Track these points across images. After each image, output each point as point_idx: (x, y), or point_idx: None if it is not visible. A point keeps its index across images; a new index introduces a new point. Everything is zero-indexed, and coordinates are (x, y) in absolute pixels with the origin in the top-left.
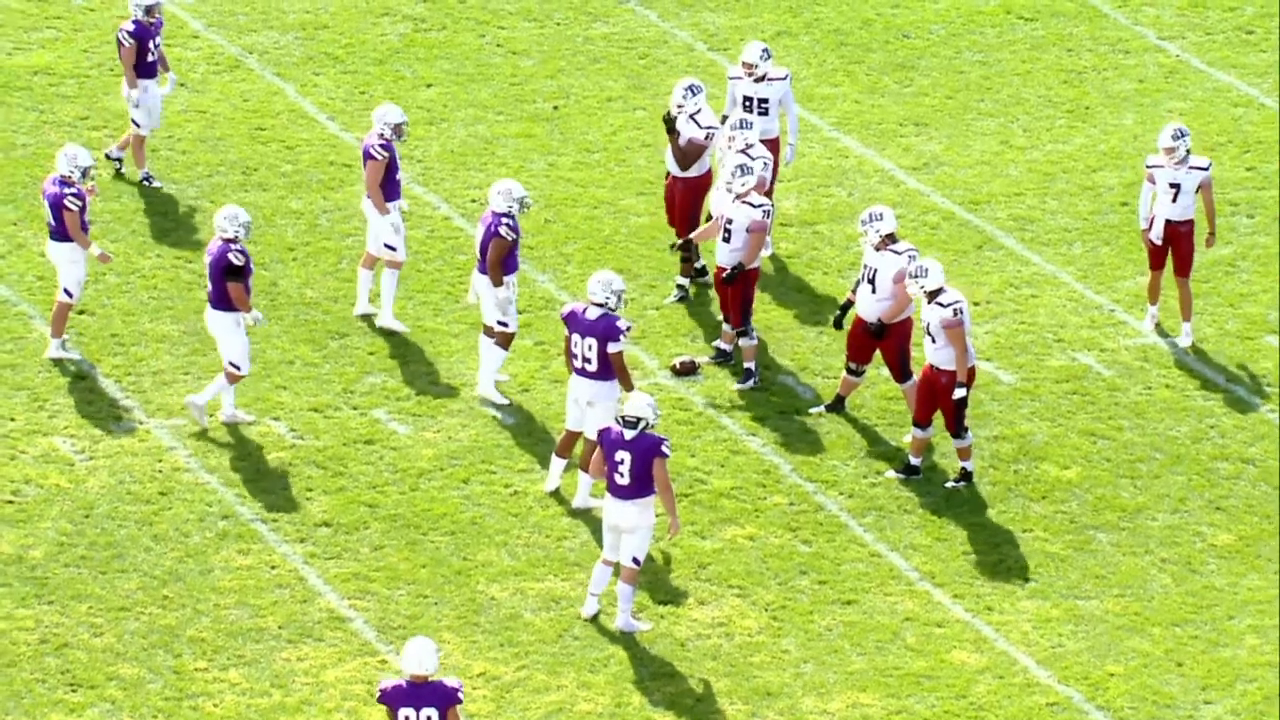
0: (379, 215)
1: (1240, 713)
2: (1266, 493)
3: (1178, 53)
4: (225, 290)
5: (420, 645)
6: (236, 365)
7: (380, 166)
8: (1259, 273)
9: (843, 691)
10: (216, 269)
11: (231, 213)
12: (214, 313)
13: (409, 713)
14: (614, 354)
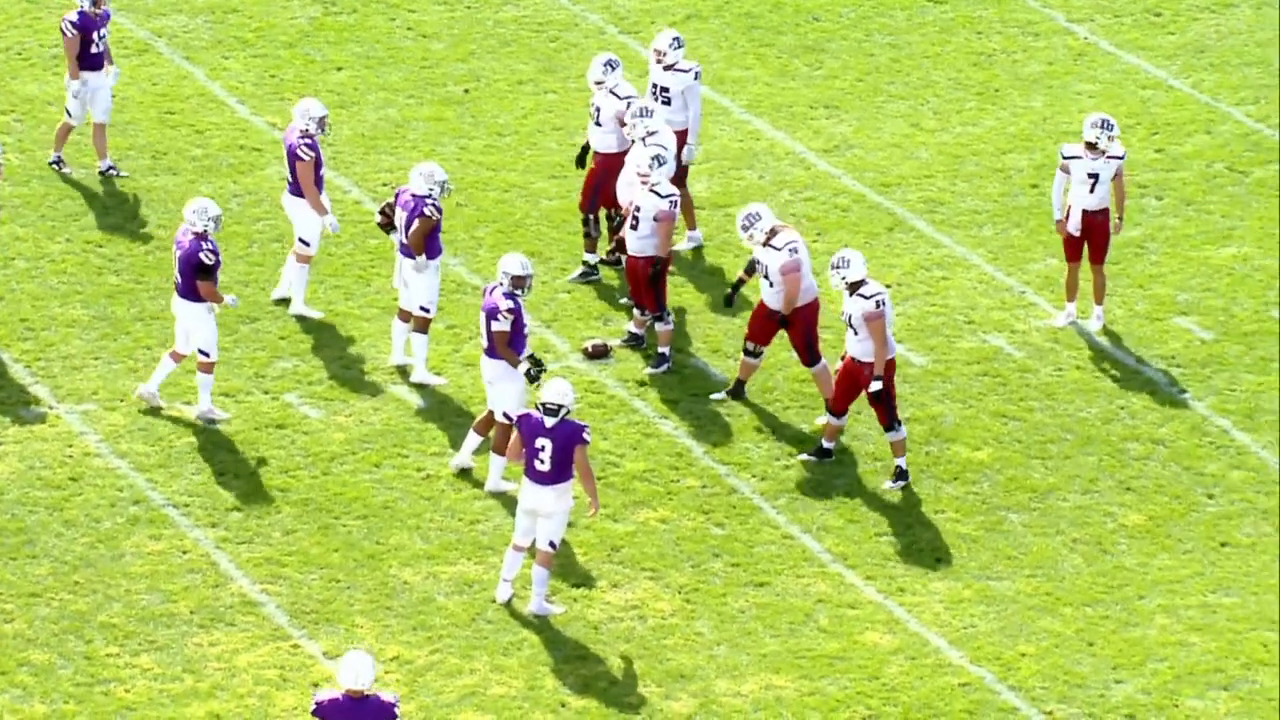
0: (307, 211)
1: (1151, 691)
2: (1176, 473)
3: (1086, 35)
4: (191, 283)
5: (357, 659)
6: (206, 353)
7: (310, 167)
8: (1167, 254)
9: (756, 673)
10: (187, 264)
11: (201, 206)
12: (184, 303)
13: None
14: (496, 331)
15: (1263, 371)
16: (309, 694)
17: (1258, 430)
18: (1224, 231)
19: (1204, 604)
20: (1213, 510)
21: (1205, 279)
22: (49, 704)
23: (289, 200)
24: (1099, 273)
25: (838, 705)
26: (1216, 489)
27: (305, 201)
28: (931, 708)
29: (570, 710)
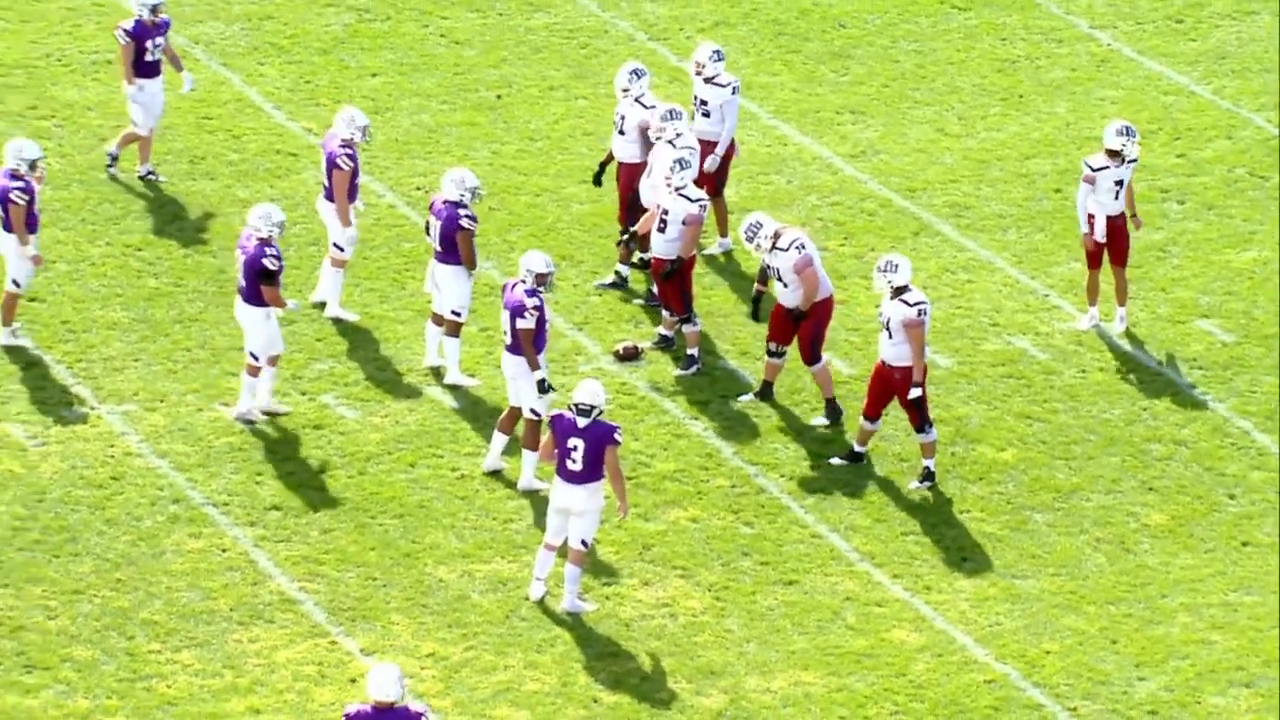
0: (340, 221)
1: (1173, 689)
2: (1198, 474)
3: (1109, 42)
4: (257, 287)
5: (385, 672)
6: (256, 356)
7: (347, 176)
8: (1189, 258)
9: (785, 670)
10: (251, 269)
11: (266, 211)
12: (246, 307)
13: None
14: (521, 329)
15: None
16: (347, 690)
17: (1277, 433)
18: (1245, 235)
19: (1225, 603)
20: (1234, 510)
21: (1226, 282)
22: (92, 699)
23: (324, 205)
24: (1121, 275)
25: (865, 701)
26: (1238, 489)
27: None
28: (957, 704)
29: (602, 706)
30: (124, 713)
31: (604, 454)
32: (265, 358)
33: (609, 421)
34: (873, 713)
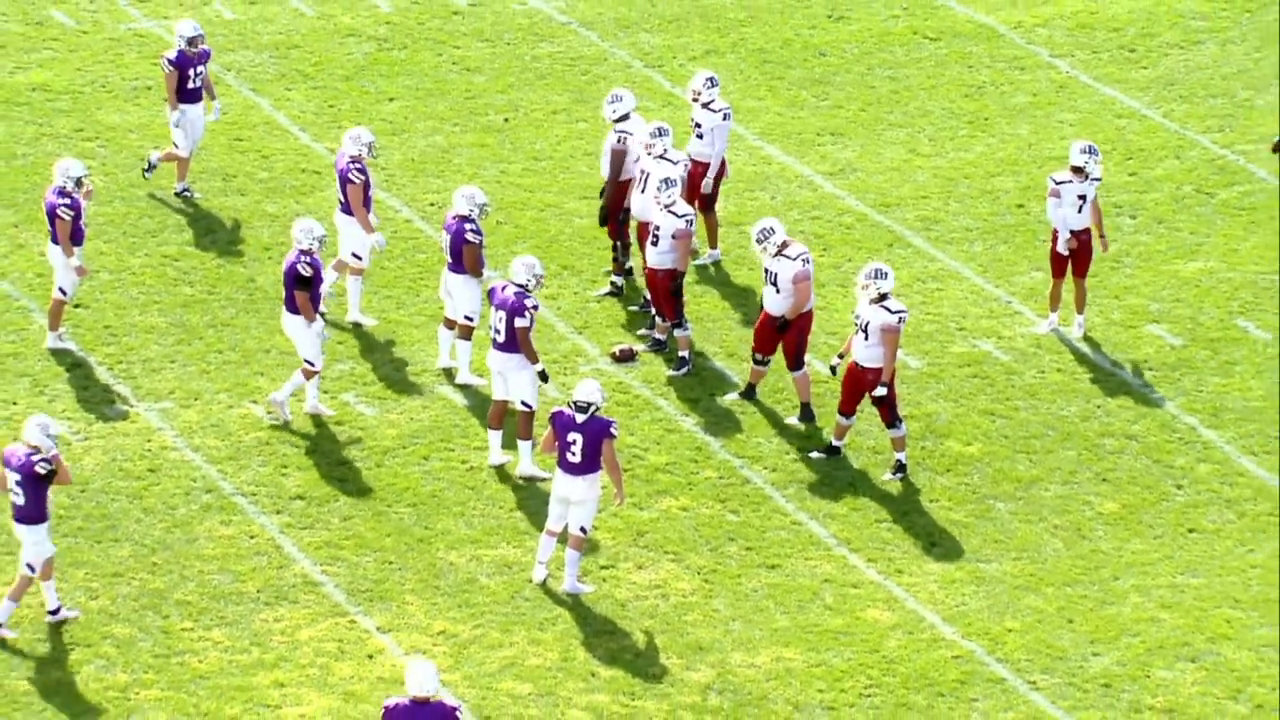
0: (357, 229)
1: (1125, 664)
2: (1148, 466)
3: (1067, 69)
4: (294, 297)
5: (422, 668)
6: (311, 362)
7: (359, 189)
8: (1140, 268)
9: (768, 647)
10: (288, 277)
11: (308, 226)
12: (289, 317)
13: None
14: (519, 328)
15: (1227, 374)
16: (364, 664)
17: (1222, 427)
18: (1192, 247)
19: (1173, 584)
20: (1181, 500)
21: (1175, 290)
22: (130, 674)
23: (341, 219)
24: (1082, 286)
25: (842, 675)
26: (1185, 480)
27: (354, 220)
28: (926, 678)
29: (600, 679)
30: (159, 686)
31: (601, 447)
32: (320, 363)
33: (606, 417)
34: (848, 686)
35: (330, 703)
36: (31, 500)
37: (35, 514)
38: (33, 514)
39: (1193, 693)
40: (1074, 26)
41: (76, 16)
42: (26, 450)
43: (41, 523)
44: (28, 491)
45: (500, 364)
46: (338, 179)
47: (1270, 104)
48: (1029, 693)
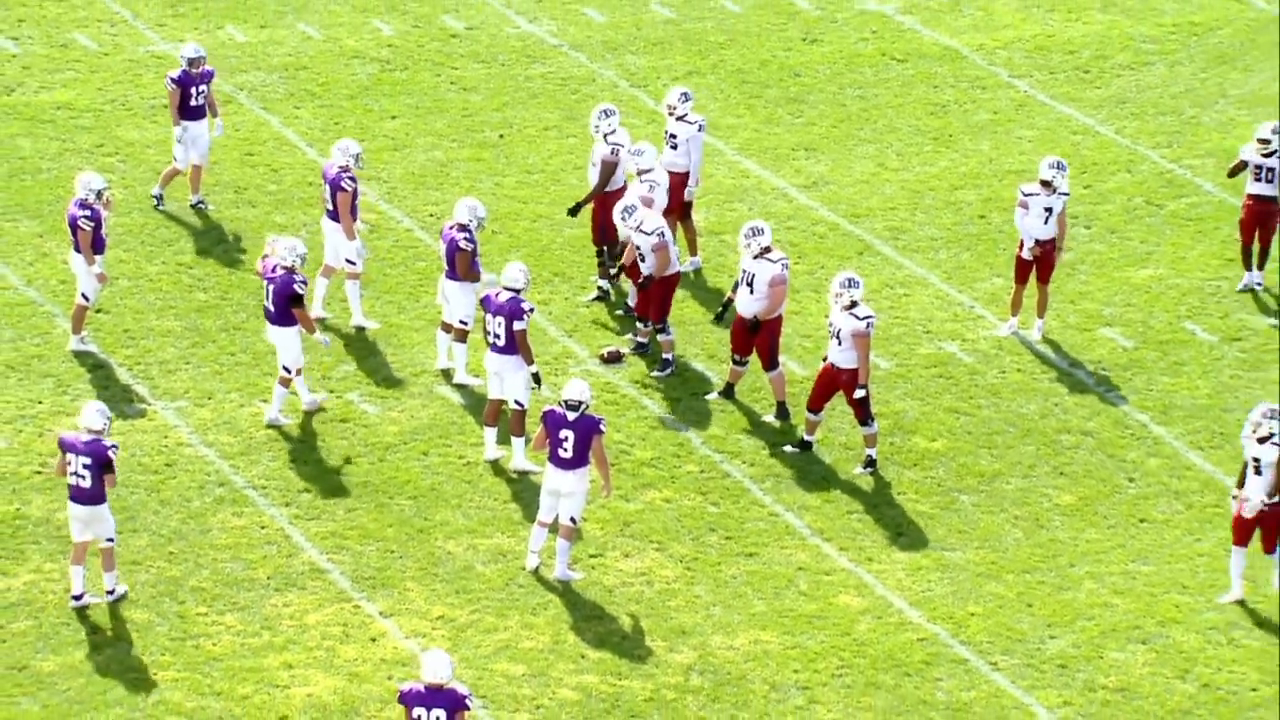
0: (346, 238)
1: (1080, 645)
2: (1102, 460)
3: (1026, 89)
4: (286, 310)
5: (437, 657)
6: (288, 369)
7: (349, 197)
8: (1095, 275)
9: (746, 630)
10: (281, 296)
11: (291, 244)
12: (276, 328)
13: (421, 712)
14: (518, 331)
15: (1176, 375)
16: (368, 647)
17: (1171, 424)
18: (1142, 256)
19: (1125, 571)
20: (1133, 492)
21: (1126, 296)
22: (148, 656)
23: (327, 224)
24: (1044, 292)
25: (815, 657)
26: (1136, 474)
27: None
28: (894, 659)
29: (589, 661)
30: (175, 668)
31: (591, 443)
32: (295, 369)
33: (595, 415)
34: (821, 667)
35: (336, 683)
36: (97, 482)
37: (101, 495)
38: (100, 495)
39: (1143, 673)
40: (1032, 49)
41: (98, 39)
42: (90, 436)
43: (104, 502)
44: (94, 474)
45: (498, 365)
46: (328, 187)
47: (1215, 120)
48: (990, 673)
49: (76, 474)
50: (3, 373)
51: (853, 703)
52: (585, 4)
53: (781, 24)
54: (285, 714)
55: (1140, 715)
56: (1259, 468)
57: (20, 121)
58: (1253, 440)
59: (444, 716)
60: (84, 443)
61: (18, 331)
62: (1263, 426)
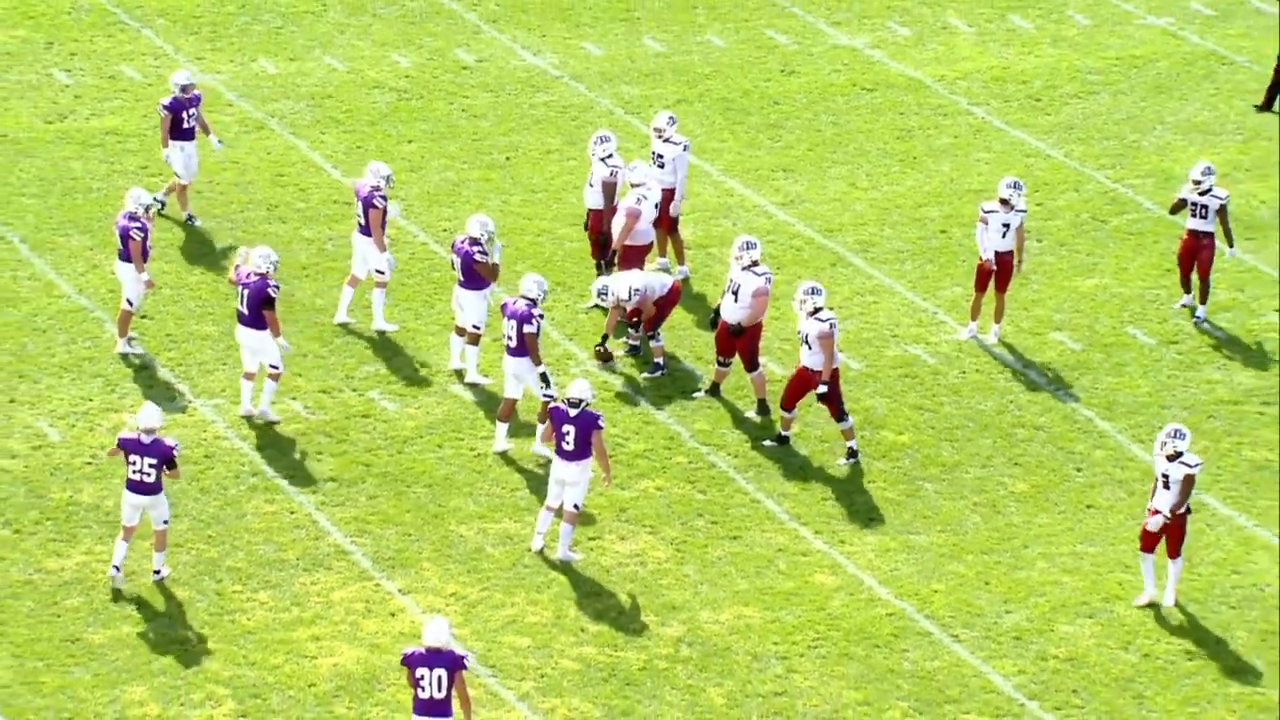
0: (377, 250)
1: (1033, 620)
2: (1052, 452)
3: (984, 115)
4: (259, 313)
5: (437, 624)
6: (276, 366)
7: (380, 213)
8: (1045, 284)
9: (730, 606)
10: (255, 300)
11: (265, 252)
12: (251, 331)
13: (424, 672)
14: (527, 334)
15: (1119, 374)
16: (388, 621)
17: (1115, 419)
18: (1089, 267)
19: (1074, 552)
20: (1081, 481)
21: (1074, 303)
22: (189, 629)
23: (358, 239)
24: (1001, 299)
25: (793, 630)
26: (1084, 464)
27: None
28: (865, 633)
29: (588, 634)
30: (213, 640)
31: (591, 437)
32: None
33: (595, 411)
34: (799, 639)
35: (359, 654)
36: (159, 476)
37: (160, 486)
38: (159, 487)
39: (1090, 644)
40: (989, 80)
41: (143, 71)
42: (150, 437)
43: (162, 491)
44: (158, 471)
45: (514, 367)
46: (360, 204)
47: (1154, 144)
48: (952, 644)
49: (141, 471)
50: (57, 373)
51: (827, 672)
52: (584, 39)
53: (762, 57)
54: (313, 682)
55: (1088, 682)
56: (1168, 483)
57: (72, 145)
58: (1162, 457)
59: (445, 675)
60: (147, 443)
61: (70, 335)
62: (1169, 445)
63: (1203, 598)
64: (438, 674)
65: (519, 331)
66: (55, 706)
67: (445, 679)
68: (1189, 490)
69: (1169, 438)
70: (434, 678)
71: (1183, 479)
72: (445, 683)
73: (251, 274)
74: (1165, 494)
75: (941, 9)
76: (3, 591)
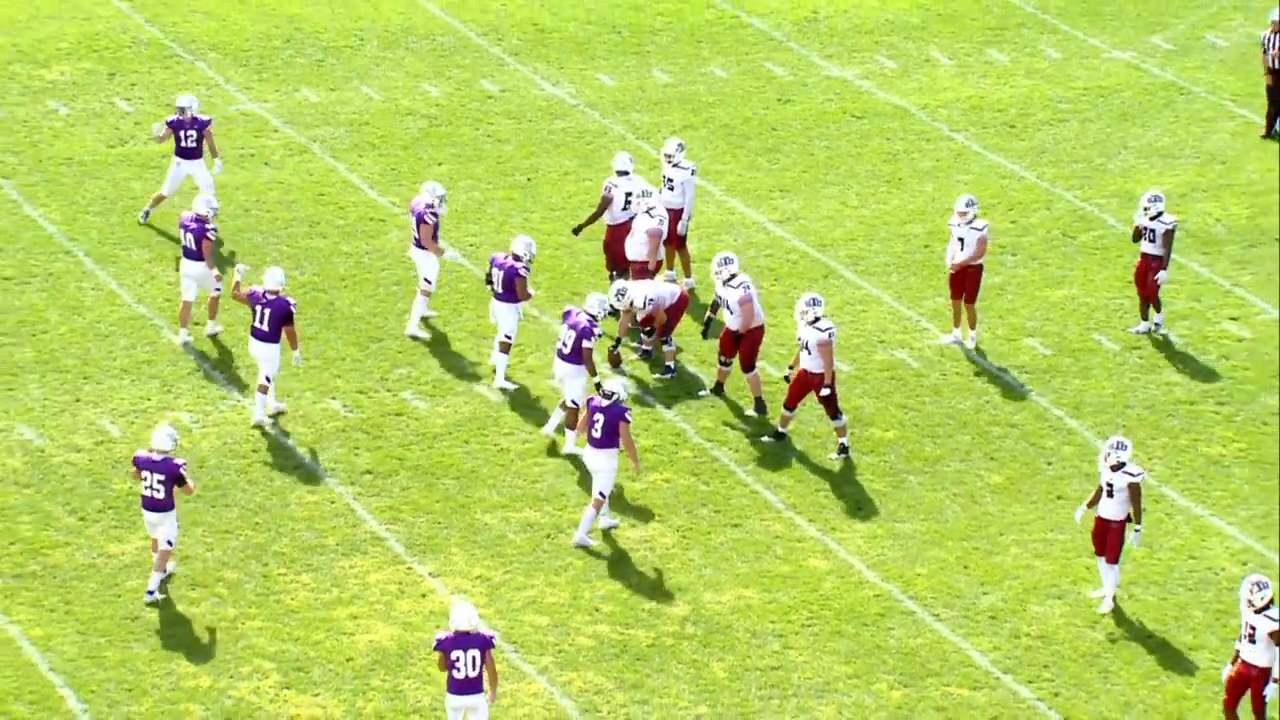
0: (428, 259)
1: (1007, 600)
2: (1025, 447)
3: (963, 140)
4: (279, 328)
5: (464, 608)
6: (269, 379)
7: (431, 228)
8: (1019, 295)
9: (731, 588)
10: (277, 316)
11: (279, 274)
12: (265, 344)
13: (459, 654)
14: (585, 348)
15: (1086, 377)
16: (419, 601)
17: (1082, 418)
18: (1059, 279)
19: (1045, 539)
20: (1051, 474)
21: (1045, 312)
22: (237, 608)
23: (416, 252)
24: (972, 309)
25: (789, 610)
26: (1054, 459)
27: (428, 252)
28: (854, 612)
29: (602, 613)
30: (260, 618)
31: (618, 427)
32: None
33: (623, 404)
34: (794, 618)
35: (393, 631)
36: (169, 494)
37: (170, 503)
38: (169, 504)
39: (1060, 623)
40: (968, 108)
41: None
42: (162, 454)
43: (173, 510)
44: (167, 488)
45: (563, 371)
46: (414, 219)
47: (1119, 167)
48: (934, 623)
49: (151, 488)
50: (118, 375)
51: (820, 648)
52: (598, 70)
53: (761, 87)
54: (351, 656)
55: (1057, 658)
56: (1111, 491)
57: (132, 167)
58: (1106, 467)
59: (478, 656)
60: (157, 460)
61: (130, 341)
62: (1112, 456)
63: (1162, 580)
64: (472, 654)
65: (577, 343)
66: (116, 678)
67: (479, 658)
68: (1139, 497)
69: (1112, 449)
70: (469, 658)
71: (1128, 487)
72: (479, 662)
73: (267, 293)
74: (1109, 502)
75: (924, 43)
76: (69, 574)
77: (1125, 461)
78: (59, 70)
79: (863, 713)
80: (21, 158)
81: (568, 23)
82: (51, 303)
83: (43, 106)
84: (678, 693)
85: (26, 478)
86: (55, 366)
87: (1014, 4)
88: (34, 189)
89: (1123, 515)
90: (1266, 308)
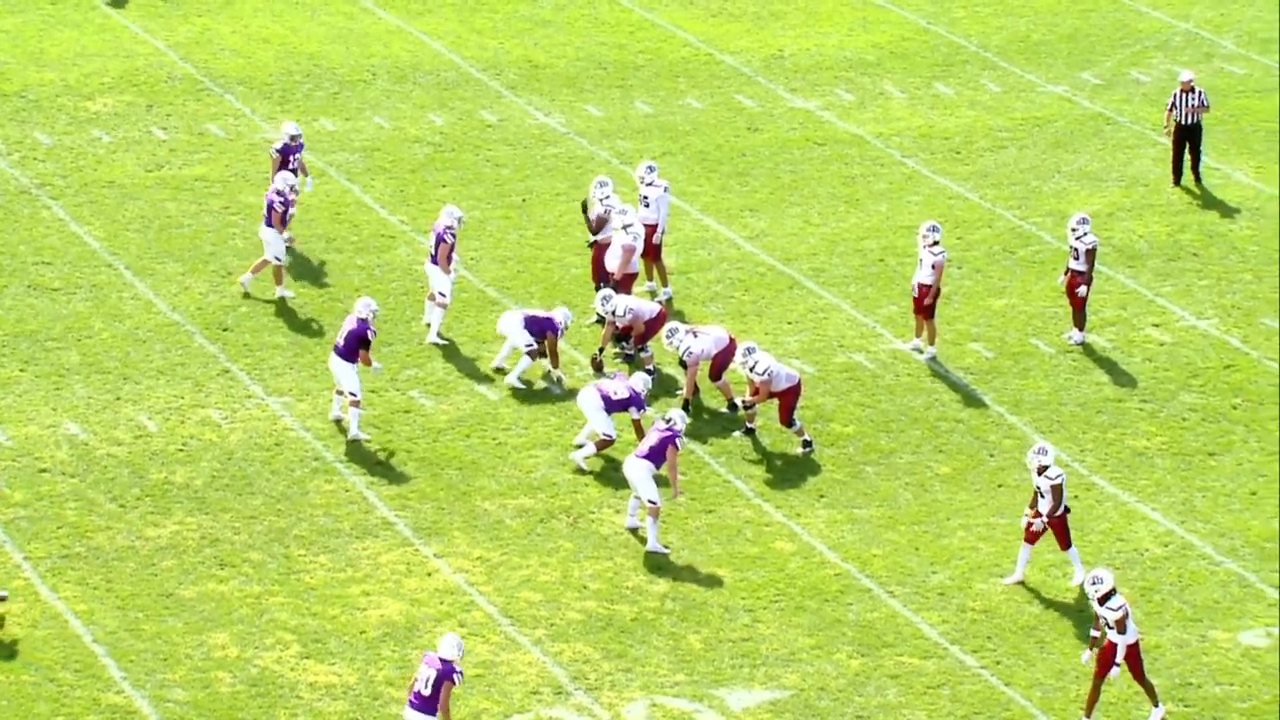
0: (441, 276)
1: (954, 579)
2: (971, 441)
3: (914, 165)
4: (355, 350)
5: (451, 640)
6: (355, 394)
7: (448, 247)
8: (964, 303)
9: (706, 567)
10: (355, 338)
11: (367, 302)
12: (344, 362)
13: (424, 670)
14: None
15: (1024, 377)
16: (425, 580)
17: (1021, 414)
18: (1000, 289)
19: (988, 524)
20: (993, 464)
21: (988, 319)
22: (262, 586)
23: (431, 268)
24: (930, 324)
25: (758, 588)
26: (996, 451)
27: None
28: (817, 589)
29: (590, 590)
30: (282, 595)
31: (666, 448)
32: (361, 396)
33: (676, 430)
34: (762, 595)
35: (401, 606)
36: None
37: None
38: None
39: (1001, 599)
40: (918, 136)
41: (226, 128)
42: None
43: None
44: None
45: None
46: (433, 238)
47: (1053, 189)
48: (888, 599)
49: None
50: (154, 376)
51: (785, 622)
52: (586, 102)
53: (732, 117)
54: (364, 629)
55: (999, 630)
56: (1041, 493)
57: (167, 190)
58: (1033, 472)
59: (433, 677)
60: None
61: (165, 345)
62: (1035, 460)
63: (1092, 560)
64: (429, 675)
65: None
66: (153, 650)
67: (433, 681)
68: (1061, 496)
69: (1036, 455)
70: (424, 678)
71: (1050, 489)
72: (432, 684)
73: (355, 319)
74: (1044, 501)
75: (879, 78)
76: (110, 555)
77: (1048, 465)
78: (102, 102)
79: (824, 680)
80: (68, 181)
81: (559, 59)
82: (95, 311)
83: (87, 135)
84: (658, 662)
85: (72, 468)
86: (98, 368)
87: (959, 43)
88: (80, 209)
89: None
90: (1186, 315)
